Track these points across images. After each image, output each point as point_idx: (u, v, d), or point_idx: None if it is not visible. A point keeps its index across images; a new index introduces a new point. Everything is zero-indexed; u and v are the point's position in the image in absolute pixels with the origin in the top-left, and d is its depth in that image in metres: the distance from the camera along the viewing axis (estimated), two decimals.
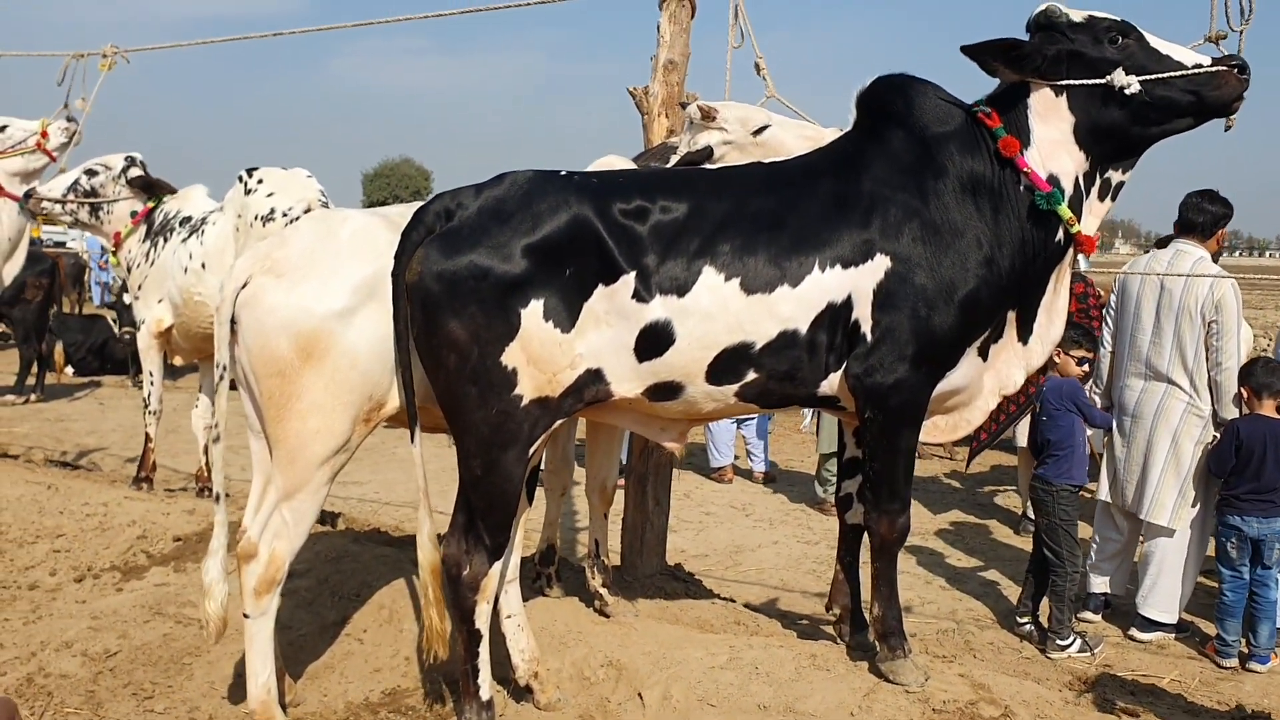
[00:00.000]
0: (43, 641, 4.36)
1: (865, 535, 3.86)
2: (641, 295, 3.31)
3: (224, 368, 3.59)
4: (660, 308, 3.32)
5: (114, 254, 6.62)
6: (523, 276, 3.24)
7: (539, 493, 4.33)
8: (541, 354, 3.28)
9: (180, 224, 6.19)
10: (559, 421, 3.42)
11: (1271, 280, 24.49)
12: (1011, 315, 3.60)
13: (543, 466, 4.61)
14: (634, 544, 4.93)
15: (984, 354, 3.60)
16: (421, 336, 3.31)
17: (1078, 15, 3.44)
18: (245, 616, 3.59)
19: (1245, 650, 5.52)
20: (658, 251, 3.33)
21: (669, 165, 4.18)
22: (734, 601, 4.94)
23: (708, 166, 3.93)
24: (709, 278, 3.33)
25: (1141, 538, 6.04)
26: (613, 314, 3.32)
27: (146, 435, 6.60)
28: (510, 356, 3.26)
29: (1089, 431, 5.86)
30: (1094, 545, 6.24)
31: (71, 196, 6.49)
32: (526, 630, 3.87)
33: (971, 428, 3.73)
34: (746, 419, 9.22)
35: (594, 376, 3.37)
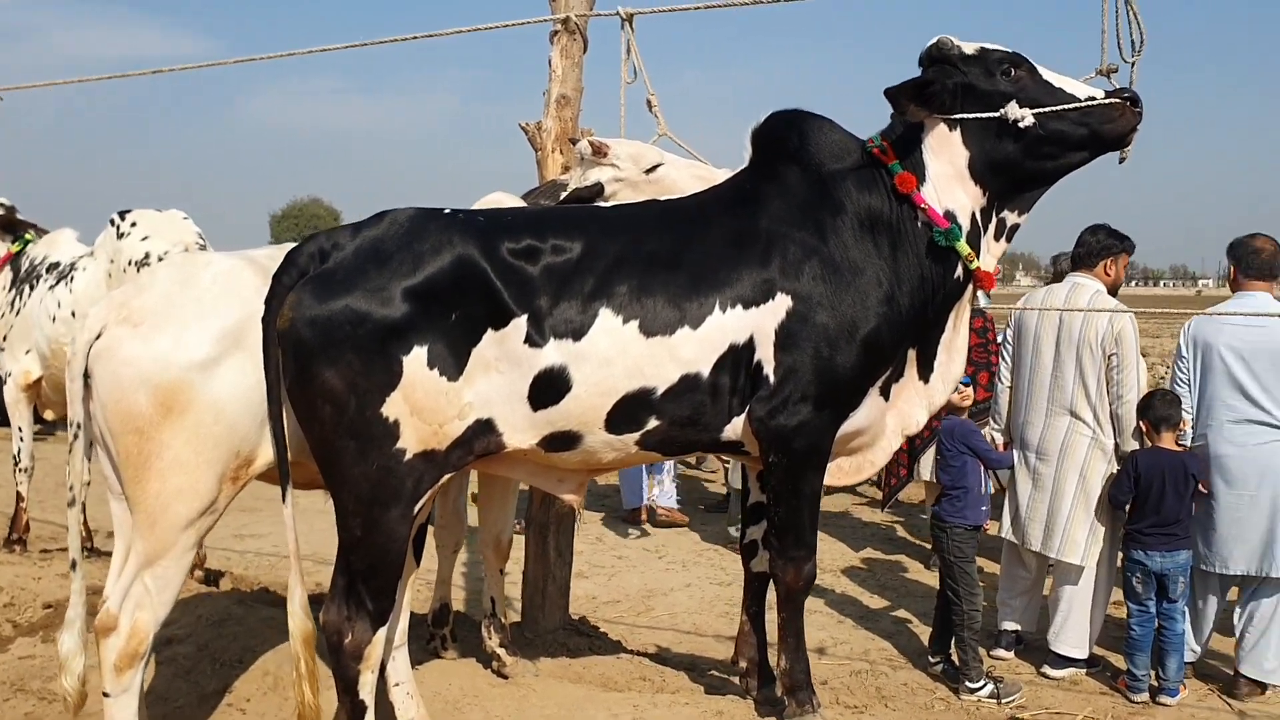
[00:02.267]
0: None
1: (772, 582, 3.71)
2: (534, 340, 3.13)
3: (78, 425, 3.32)
4: (555, 353, 3.15)
5: None
6: (404, 321, 3.04)
7: (430, 549, 4.10)
8: (426, 404, 3.08)
9: (47, 270, 5.85)
10: (446, 476, 3.21)
11: (1166, 310, 25.26)
12: (912, 353, 3.51)
13: (433, 522, 4.39)
14: (535, 598, 4.72)
15: (886, 393, 3.50)
16: (295, 387, 3.09)
17: (970, 47, 3.38)
18: (105, 695, 3.31)
19: (1155, 684, 5.47)
20: (550, 293, 3.16)
21: (558, 202, 4.03)
22: (642, 655, 4.74)
23: (600, 204, 3.78)
24: (606, 320, 3.17)
25: (1050, 575, 5.98)
26: (504, 360, 3.13)
27: (18, 494, 6.21)
28: (391, 407, 3.05)
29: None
30: (1002, 583, 6.17)
31: None
32: (416, 698, 3.64)
33: (875, 469, 3.62)
34: None
35: (485, 427, 3.18)
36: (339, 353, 3.02)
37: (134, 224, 5.33)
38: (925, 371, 3.55)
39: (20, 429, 6.15)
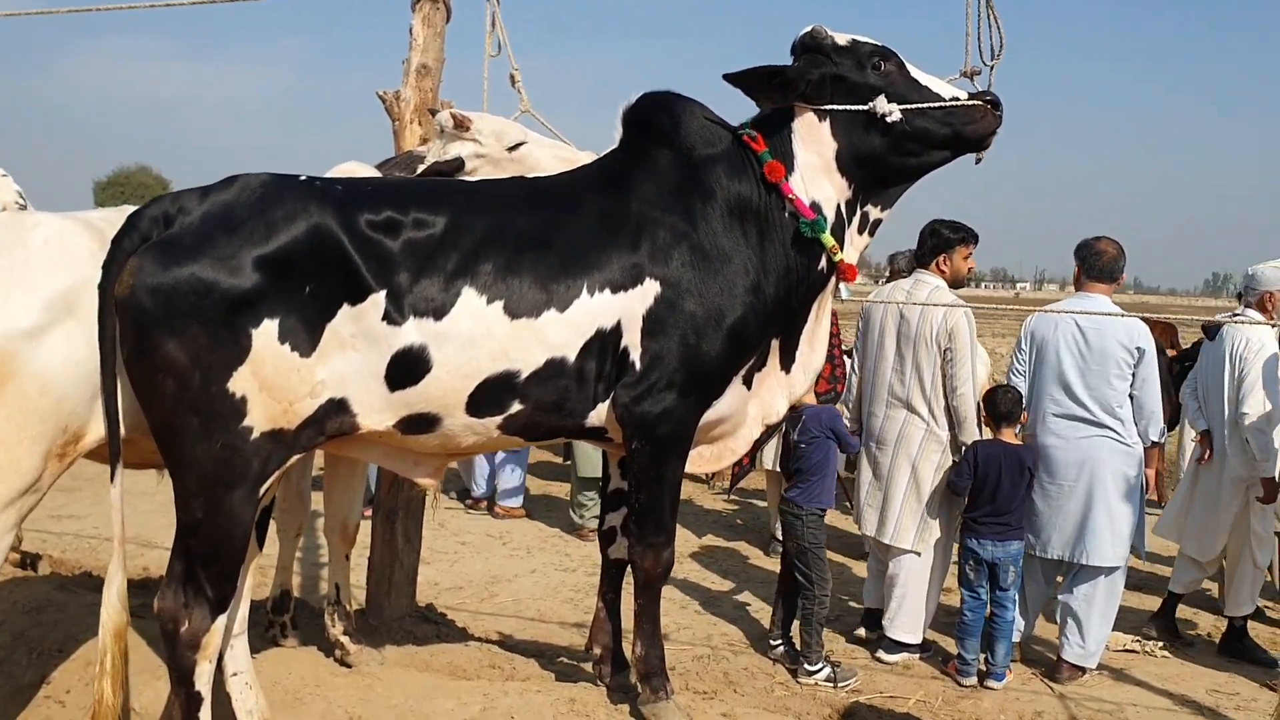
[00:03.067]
0: None
1: (629, 570, 3.68)
2: (393, 317, 3.00)
3: None
4: (415, 331, 3.02)
5: None
6: (254, 292, 2.87)
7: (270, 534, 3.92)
8: (276, 380, 2.92)
9: None
10: (295, 457, 3.06)
11: (990, 306, 26.44)
12: (776, 343, 3.52)
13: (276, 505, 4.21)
14: (381, 585, 4.57)
15: (748, 382, 3.50)
16: (133, 359, 2.89)
17: (842, 39, 3.39)
18: None
19: (984, 668, 5.68)
20: (411, 269, 3.03)
21: (416, 175, 3.89)
22: (489, 642, 4.65)
23: (463, 178, 3.66)
24: (470, 300, 3.06)
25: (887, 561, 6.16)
26: (360, 337, 3.00)
27: None
28: (239, 383, 2.89)
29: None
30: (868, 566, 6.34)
31: None
32: (255, 688, 3.47)
33: (736, 456, 3.63)
34: None
35: (338, 406, 3.03)
36: (183, 324, 2.83)
37: None
38: (788, 361, 3.56)
39: None
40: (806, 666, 5.56)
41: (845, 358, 8.26)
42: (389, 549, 4.54)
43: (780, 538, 7.89)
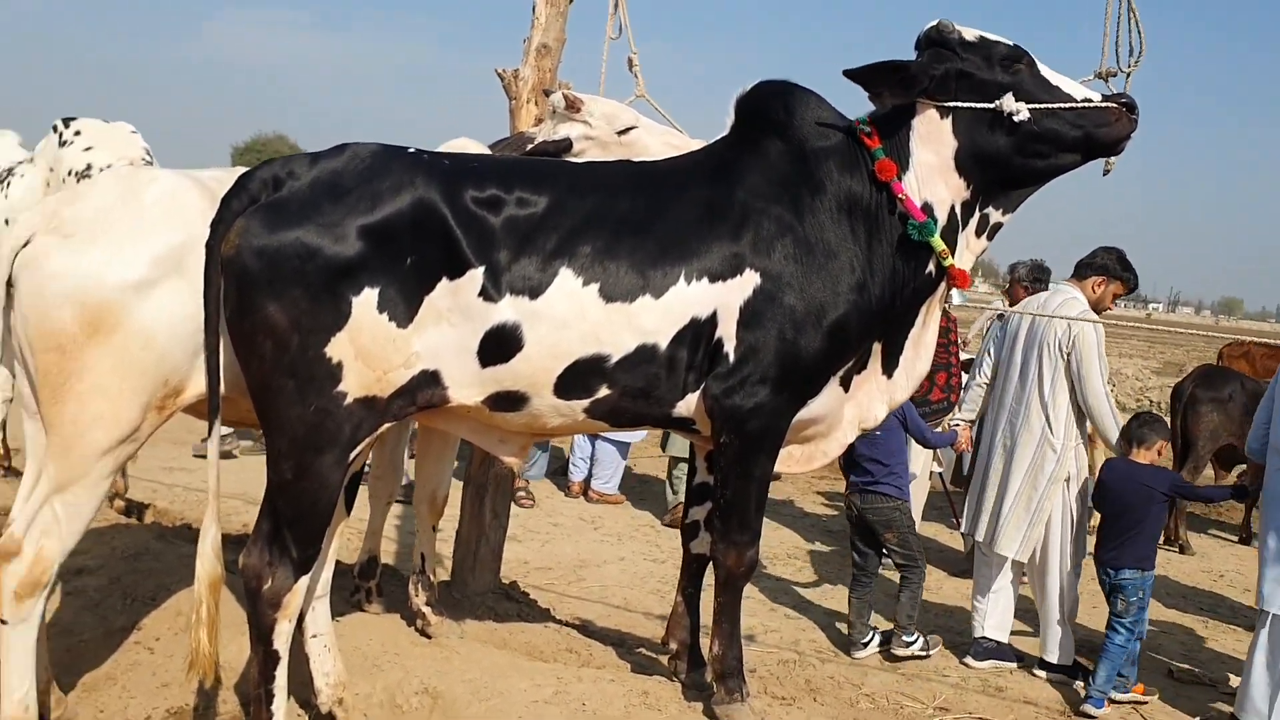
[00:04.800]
0: None
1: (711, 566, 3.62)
2: (489, 294, 2.99)
3: None
4: (509, 309, 3.00)
5: None
6: (356, 260, 2.88)
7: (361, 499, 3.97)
8: (372, 349, 2.93)
9: None
10: (386, 425, 3.07)
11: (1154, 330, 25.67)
12: (877, 346, 3.41)
13: (367, 471, 4.25)
14: (466, 559, 4.58)
15: (846, 384, 3.40)
16: (235, 319, 2.93)
17: (970, 34, 3.26)
18: (2, 623, 3.13)
19: (1082, 692, 5.48)
20: (511, 247, 3.01)
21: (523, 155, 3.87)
22: (569, 626, 4.63)
23: (568, 159, 3.63)
24: (566, 281, 3.03)
25: (1024, 578, 6.00)
26: (456, 312, 2.99)
27: None
28: (336, 348, 2.90)
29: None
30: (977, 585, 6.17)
31: None
32: (334, 651, 3.50)
33: (828, 459, 3.53)
34: None
35: (430, 379, 3.03)
36: (285, 287, 2.85)
37: (78, 133, 5.09)
38: (889, 366, 3.45)
39: None
40: (904, 639, 5.74)
41: (963, 370, 8.05)
42: (476, 524, 4.55)
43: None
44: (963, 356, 8.50)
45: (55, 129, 5.14)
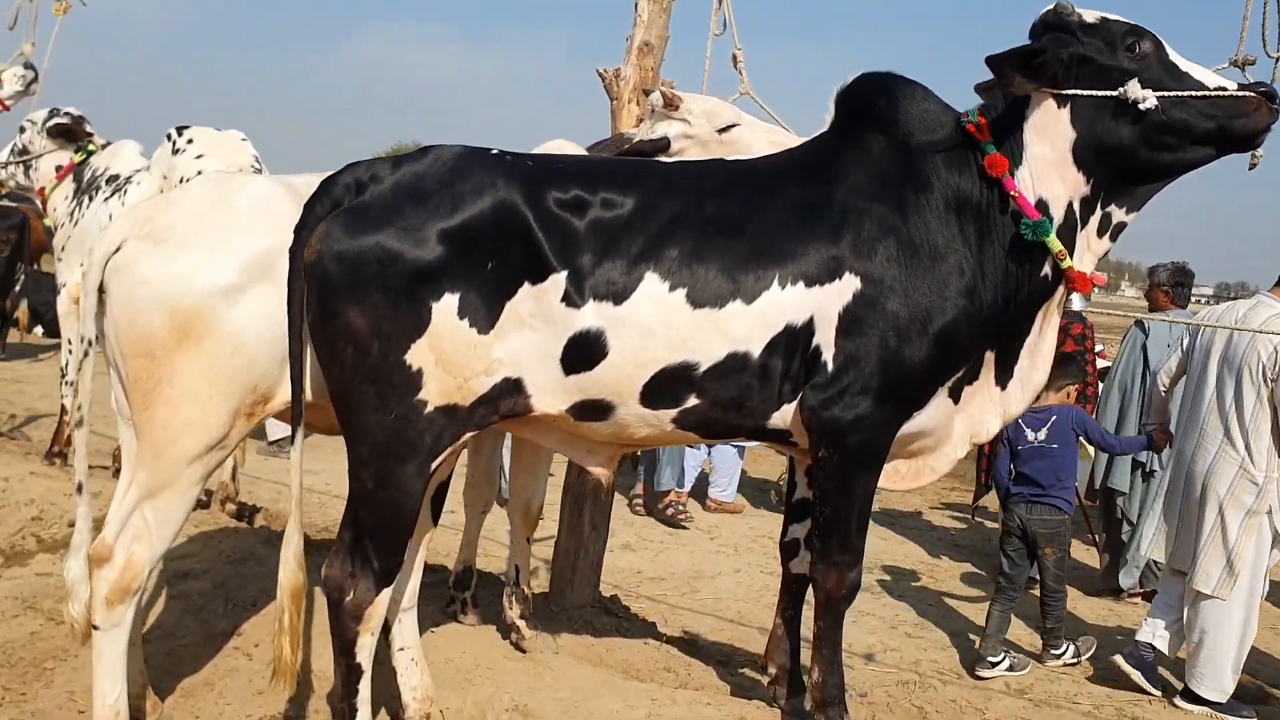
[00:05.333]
0: None
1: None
2: (572, 299, 2.87)
3: (89, 342, 3.14)
4: (593, 315, 2.88)
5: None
6: (437, 265, 2.80)
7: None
8: (453, 355, 2.84)
9: (106, 181, 5.74)
10: (468, 434, 2.97)
11: None
12: (990, 356, 3.16)
13: (452, 479, 4.18)
14: (564, 571, 4.48)
15: (956, 396, 3.16)
16: (317, 324, 2.88)
17: (1091, 16, 3.00)
18: (94, 628, 3.14)
19: None
20: (595, 250, 2.89)
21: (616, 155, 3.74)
22: (670, 642, 4.48)
23: (661, 159, 3.49)
24: (651, 285, 2.89)
25: (1186, 606, 5.57)
26: (538, 317, 2.88)
27: (62, 407, 6.15)
28: (416, 355, 2.82)
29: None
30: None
31: (10, 158, 6.08)
32: (421, 665, 3.43)
33: (936, 475, 3.30)
34: None
35: (512, 386, 2.93)
36: (366, 292, 2.79)
37: (190, 141, 5.19)
38: (1004, 376, 3.19)
39: (70, 342, 6.06)
40: (1054, 651, 5.84)
41: (1100, 380, 7.65)
42: (574, 536, 4.44)
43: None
44: (1100, 365, 8.09)
45: (169, 137, 5.25)
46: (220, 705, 3.67)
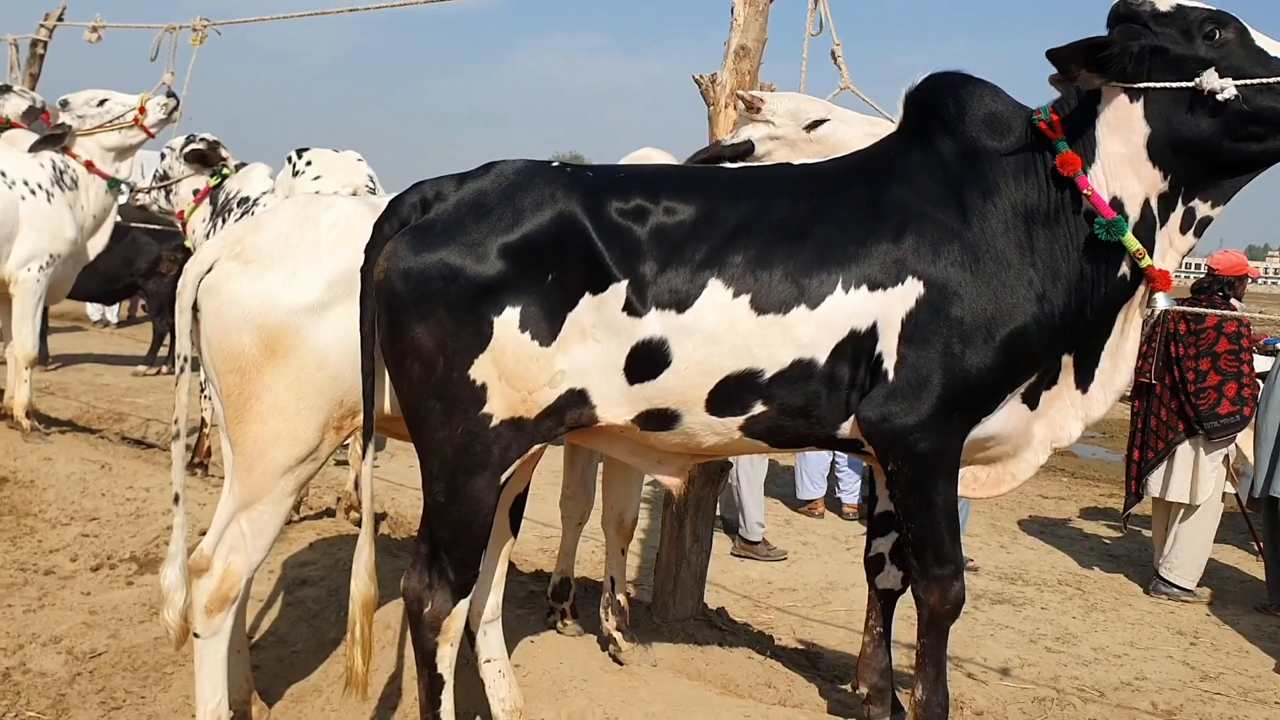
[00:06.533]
0: (34, 634, 4.17)
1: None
2: (635, 308, 2.84)
3: (185, 359, 3.27)
4: (656, 324, 2.84)
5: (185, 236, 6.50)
6: (497, 280, 2.81)
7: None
8: (516, 369, 2.84)
9: (238, 204, 6.01)
10: (537, 446, 2.97)
11: None
12: (1069, 359, 2.99)
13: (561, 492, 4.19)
14: (667, 584, 4.43)
15: (1033, 401, 3.00)
16: (386, 342, 2.92)
17: (1164, 4, 2.81)
18: (195, 636, 3.26)
19: None
20: (657, 259, 2.85)
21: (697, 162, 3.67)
22: (775, 659, 4.36)
23: (729, 165, 3.41)
24: (715, 292, 2.84)
25: None
26: (601, 327, 2.86)
27: (202, 420, 6.45)
28: (480, 370, 2.84)
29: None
30: None
31: (152, 183, 6.42)
32: (510, 677, 3.44)
33: (1017, 482, 3.13)
34: None
35: (577, 398, 2.91)
36: (431, 309, 2.82)
37: (309, 163, 5.37)
38: (1084, 380, 3.02)
39: None
40: None
41: (1259, 380, 7.16)
42: (676, 547, 4.39)
43: (1164, 576, 7.03)
44: (1261, 365, 7.57)
45: (289, 159, 5.45)
46: (327, 712, 3.76)
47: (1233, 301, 7.05)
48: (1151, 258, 2.86)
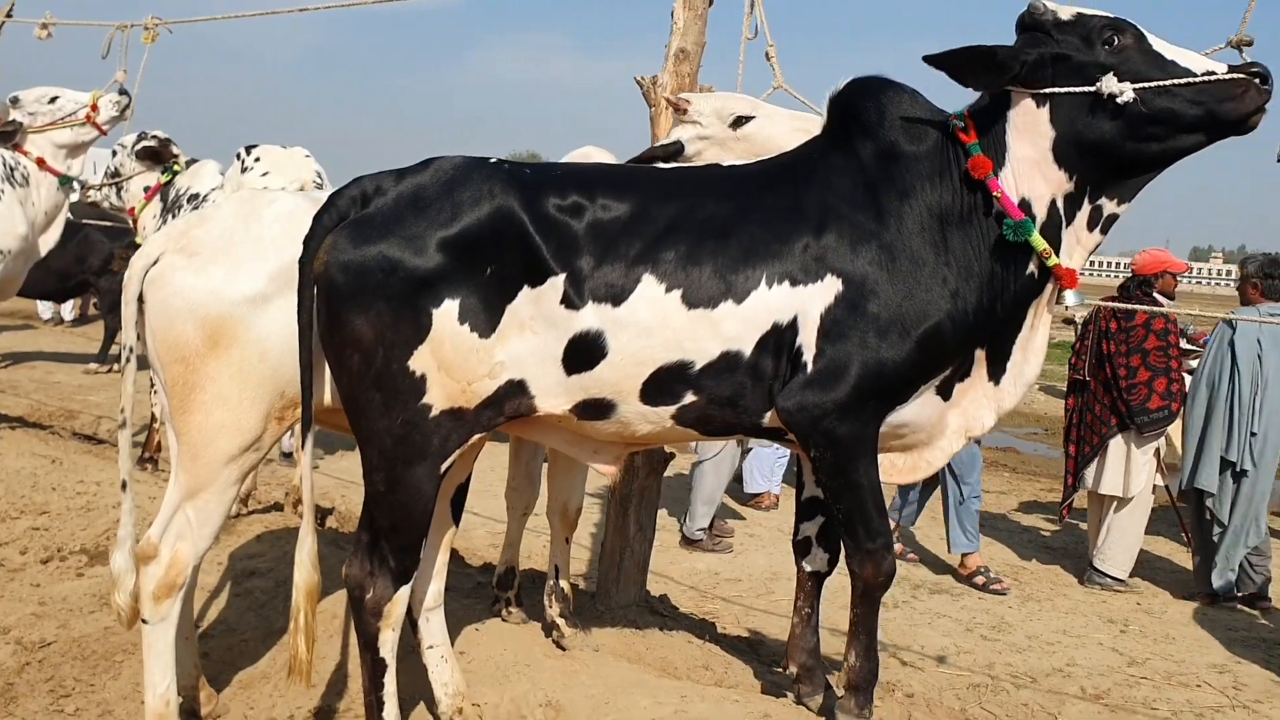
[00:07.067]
0: None
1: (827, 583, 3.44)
2: (572, 301, 2.95)
3: (130, 349, 3.34)
4: (592, 316, 2.95)
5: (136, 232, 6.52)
6: (436, 272, 2.90)
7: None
8: (455, 360, 2.94)
9: (188, 200, 6.06)
10: (476, 436, 3.07)
11: None
12: (981, 353, 3.15)
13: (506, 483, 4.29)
14: (610, 571, 4.54)
15: (947, 393, 3.15)
16: (325, 333, 3.00)
17: (1066, 12, 2.96)
18: (144, 622, 3.33)
19: None
20: (593, 254, 2.96)
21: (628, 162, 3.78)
22: (714, 642, 4.50)
23: (664, 165, 3.53)
24: (648, 287, 2.95)
25: None
26: (539, 320, 2.96)
27: (152, 415, 6.49)
28: (419, 361, 2.93)
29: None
30: None
31: (103, 180, 6.45)
32: (451, 662, 3.54)
33: (933, 469, 3.29)
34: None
35: (516, 388, 3.02)
36: (370, 301, 2.90)
37: (258, 159, 5.43)
38: (996, 372, 3.18)
39: None
40: None
41: (1187, 374, 7.38)
42: (620, 536, 4.50)
43: (1097, 566, 7.23)
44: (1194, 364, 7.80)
45: (239, 156, 5.51)
46: (274, 697, 3.84)
47: (1162, 299, 7.26)
48: (1058, 256, 3.02)
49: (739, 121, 3.65)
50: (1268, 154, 3.29)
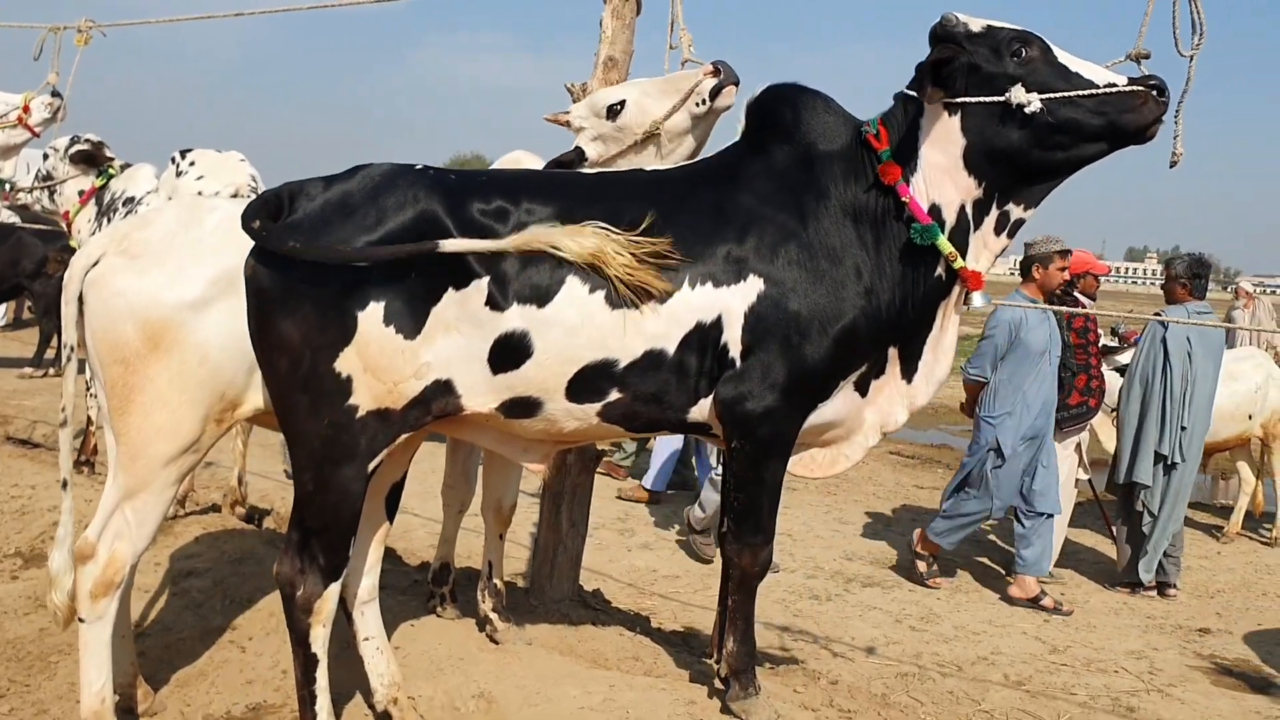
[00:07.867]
0: None
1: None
2: (497, 302, 3.05)
3: (71, 349, 3.40)
4: (517, 317, 3.05)
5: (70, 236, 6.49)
6: (361, 276, 2.98)
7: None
8: (381, 361, 3.02)
9: (123, 204, 6.05)
10: (404, 435, 3.16)
11: None
12: (894, 351, 3.32)
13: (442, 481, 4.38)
14: (544, 567, 4.65)
15: (863, 389, 3.32)
16: (254, 336, 3.08)
17: (977, 25, 3.11)
18: (80, 620, 3.39)
19: None
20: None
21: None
22: (645, 635, 4.61)
23: (586, 170, 3.65)
24: (573, 288, 3.06)
25: None
26: (464, 321, 3.06)
27: (89, 418, 6.48)
28: (345, 363, 3.01)
29: None
30: None
31: (34, 183, 6.42)
32: (387, 654, 3.62)
33: (850, 463, 3.45)
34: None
35: (443, 388, 3.11)
36: (296, 304, 2.98)
37: (192, 163, 5.45)
38: (908, 371, 3.35)
39: None
40: None
41: (1116, 372, 7.64)
42: (553, 532, 4.61)
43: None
44: (1121, 360, 8.06)
45: (174, 160, 5.53)
46: (211, 694, 3.89)
47: (1083, 299, 7.50)
48: (966, 260, 3.18)
49: (612, 111, 3.74)
50: (1200, 157, 3.46)
